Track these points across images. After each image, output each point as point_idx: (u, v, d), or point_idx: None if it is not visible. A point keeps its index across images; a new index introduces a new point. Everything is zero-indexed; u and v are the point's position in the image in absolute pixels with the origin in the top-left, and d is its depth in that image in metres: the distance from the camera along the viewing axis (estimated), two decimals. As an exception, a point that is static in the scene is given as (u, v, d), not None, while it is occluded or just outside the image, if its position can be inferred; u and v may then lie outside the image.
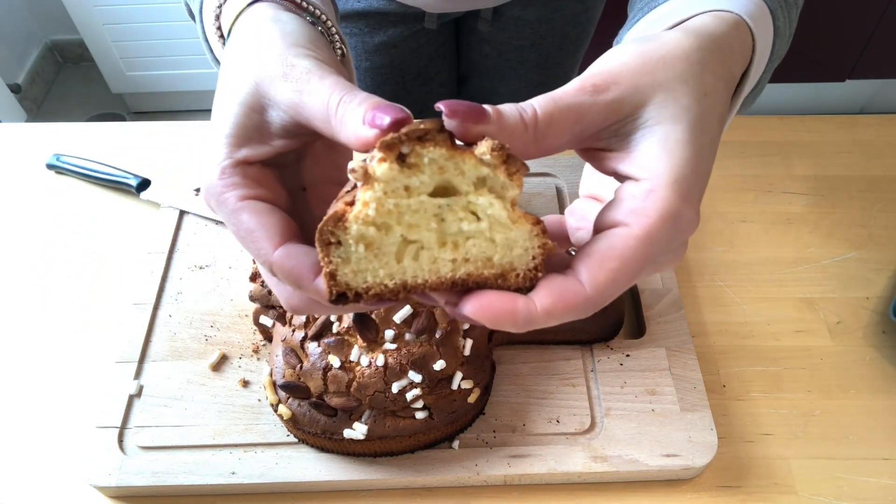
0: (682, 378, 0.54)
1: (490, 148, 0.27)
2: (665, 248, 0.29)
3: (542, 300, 0.28)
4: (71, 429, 0.55)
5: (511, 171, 0.28)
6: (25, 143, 0.77)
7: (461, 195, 0.28)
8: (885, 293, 0.62)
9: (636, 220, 0.28)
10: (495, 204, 0.28)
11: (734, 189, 0.70)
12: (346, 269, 0.28)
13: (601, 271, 0.28)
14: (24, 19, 2.05)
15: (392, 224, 0.27)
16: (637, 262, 0.28)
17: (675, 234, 0.29)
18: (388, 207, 0.27)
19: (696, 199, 0.29)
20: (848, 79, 1.79)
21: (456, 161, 0.27)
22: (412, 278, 0.28)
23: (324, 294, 0.28)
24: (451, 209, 0.28)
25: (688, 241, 0.31)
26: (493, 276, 0.29)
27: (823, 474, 0.52)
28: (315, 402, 0.49)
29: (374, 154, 0.27)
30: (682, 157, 0.29)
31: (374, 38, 0.82)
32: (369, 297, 0.28)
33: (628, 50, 0.32)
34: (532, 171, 0.69)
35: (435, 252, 0.28)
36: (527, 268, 0.29)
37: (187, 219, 0.67)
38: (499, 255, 0.29)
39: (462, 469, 0.50)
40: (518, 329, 0.29)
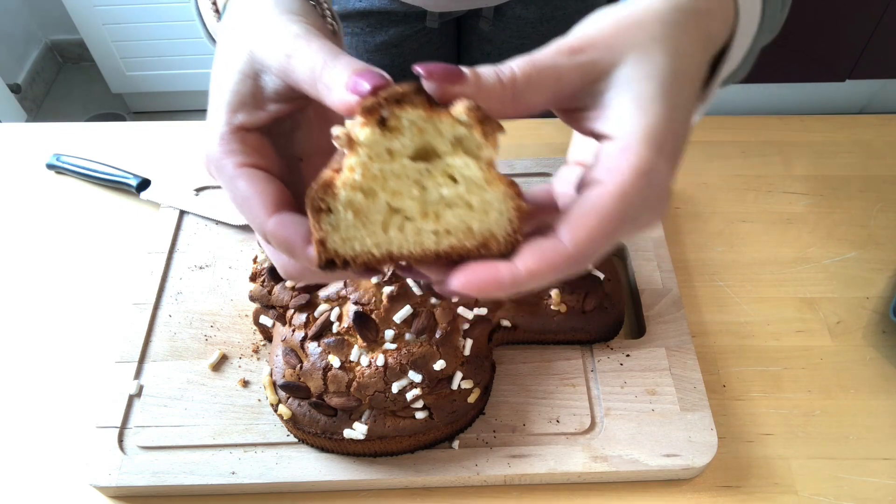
0: (682, 378, 0.54)
1: (466, 108, 0.28)
2: (642, 204, 0.29)
3: (524, 262, 0.29)
4: (71, 429, 0.55)
5: (486, 132, 0.28)
6: (25, 143, 0.77)
7: (440, 159, 0.28)
8: (885, 293, 0.62)
9: (611, 178, 0.29)
10: (471, 165, 0.28)
11: (734, 189, 0.70)
12: (336, 237, 0.29)
13: (580, 229, 0.29)
14: (24, 19, 2.05)
15: (377, 189, 0.28)
16: (614, 219, 0.29)
17: (651, 190, 0.29)
18: (374, 172, 0.28)
19: (671, 155, 0.30)
20: (848, 79, 1.79)
21: (434, 122, 0.28)
22: (398, 249, 0.29)
23: (314, 261, 0.29)
24: (430, 174, 0.29)
25: (667, 199, 0.31)
26: (475, 247, 0.29)
27: (823, 474, 0.52)
28: (315, 402, 0.49)
29: (356, 119, 0.28)
30: (654, 113, 0.29)
31: (376, 37, 0.82)
32: (357, 265, 0.29)
33: (605, 14, 0.32)
34: (532, 171, 0.69)
35: (418, 223, 0.29)
36: (505, 233, 0.29)
37: (187, 219, 0.67)
38: (477, 222, 0.29)
39: (462, 469, 0.50)
40: (506, 293, 0.29)
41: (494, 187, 0.29)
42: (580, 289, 0.54)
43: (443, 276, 0.30)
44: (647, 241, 0.63)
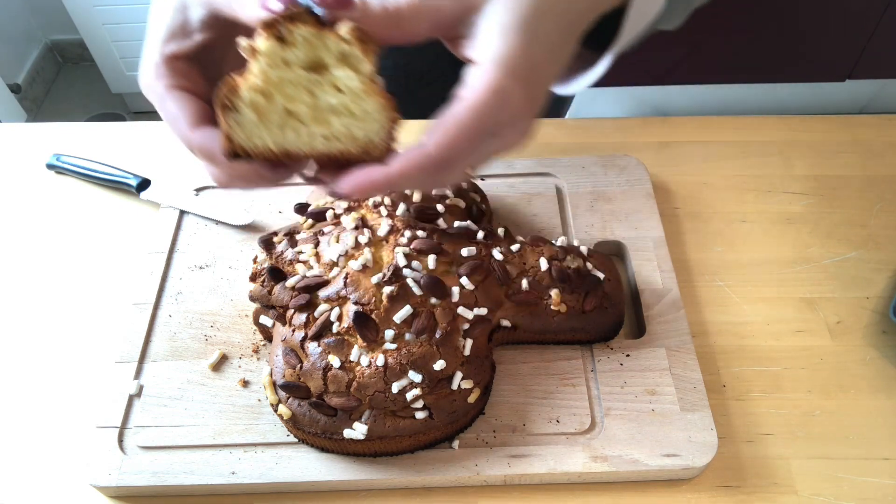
0: (682, 378, 0.54)
1: (349, 28, 0.33)
2: (495, 119, 0.34)
3: (395, 164, 0.34)
4: (71, 429, 0.55)
5: (365, 49, 0.33)
6: (25, 143, 0.77)
7: (328, 71, 0.34)
8: (885, 293, 0.62)
9: (467, 94, 0.34)
10: (353, 77, 0.34)
11: (734, 189, 0.70)
12: (240, 132, 0.34)
13: (439, 134, 0.34)
14: (24, 19, 2.05)
15: (274, 93, 0.34)
16: (468, 127, 0.33)
17: (503, 108, 0.34)
18: (272, 78, 0.33)
19: (524, 79, 0.34)
20: (848, 79, 1.79)
21: (322, 38, 0.33)
22: (293, 147, 0.35)
23: (223, 152, 0.35)
24: (320, 84, 0.34)
25: (526, 121, 0.36)
26: (359, 153, 0.35)
27: (823, 474, 0.52)
28: (315, 401, 0.49)
29: (258, 33, 0.33)
30: (511, 39, 0.34)
31: None
32: (259, 159, 0.35)
33: None
34: (532, 171, 0.69)
35: (311, 127, 0.35)
36: (383, 140, 0.35)
37: (187, 219, 0.67)
38: (359, 129, 0.35)
39: (462, 469, 0.50)
40: (382, 191, 0.35)
41: (373, 98, 0.34)
42: (580, 289, 0.54)
43: (335, 181, 0.35)
44: (647, 241, 0.63)
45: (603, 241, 0.64)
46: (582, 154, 0.71)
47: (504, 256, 0.55)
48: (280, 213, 0.67)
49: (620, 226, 0.64)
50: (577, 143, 0.74)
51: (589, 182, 0.68)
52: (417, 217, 0.56)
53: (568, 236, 0.64)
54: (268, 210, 0.67)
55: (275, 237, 0.57)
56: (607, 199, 0.67)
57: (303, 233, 0.57)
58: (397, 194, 0.57)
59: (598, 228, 0.64)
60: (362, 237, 0.53)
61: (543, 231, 0.65)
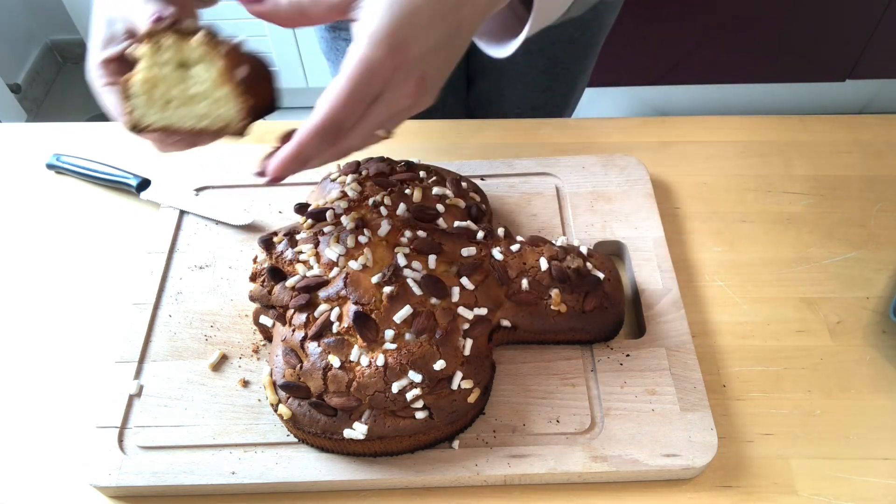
0: (682, 378, 0.54)
1: (201, 35, 0.43)
2: (368, 85, 0.40)
3: (294, 138, 0.42)
4: (71, 429, 0.55)
5: (216, 51, 0.43)
6: (25, 143, 0.77)
7: (192, 68, 0.45)
8: (885, 293, 0.62)
9: (343, 66, 0.40)
10: (208, 71, 0.44)
11: (734, 189, 0.70)
12: (136, 113, 0.46)
13: (320, 103, 0.41)
14: (24, 19, 2.05)
15: (157, 84, 0.45)
16: (344, 94, 0.40)
17: (374, 76, 0.40)
18: (153, 73, 0.45)
19: (393, 48, 0.39)
20: (848, 79, 1.79)
21: (183, 44, 0.44)
22: (176, 123, 0.47)
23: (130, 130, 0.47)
24: (187, 78, 0.45)
25: (412, 85, 0.41)
26: (223, 127, 0.46)
27: (823, 474, 0.52)
28: (315, 401, 0.49)
29: (140, 42, 0.44)
30: (380, 17, 0.39)
31: None
32: (150, 130, 0.47)
33: None
34: (532, 171, 0.69)
35: (184, 109, 0.46)
36: (241, 116, 0.46)
37: (187, 219, 0.67)
38: (218, 109, 0.46)
39: (462, 469, 0.50)
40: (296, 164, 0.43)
41: (226, 86, 0.44)
42: (580, 289, 0.54)
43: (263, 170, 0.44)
44: (647, 241, 0.63)
45: (603, 241, 0.64)
46: (582, 154, 0.71)
47: (504, 256, 0.55)
48: (280, 213, 0.67)
49: (620, 226, 0.64)
50: (577, 143, 0.74)
51: (589, 182, 0.68)
52: (417, 217, 0.56)
53: (568, 236, 0.64)
54: (268, 210, 0.67)
55: (275, 237, 0.57)
56: (607, 199, 0.67)
57: (303, 233, 0.57)
58: (397, 194, 0.57)
59: (598, 228, 0.64)
60: (362, 237, 0.53)
61: (543, 231, 0.65)
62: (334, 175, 0.62)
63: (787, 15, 1.62)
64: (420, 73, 0.41)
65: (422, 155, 0.70)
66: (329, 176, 0.62)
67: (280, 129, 0.78)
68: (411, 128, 0.77)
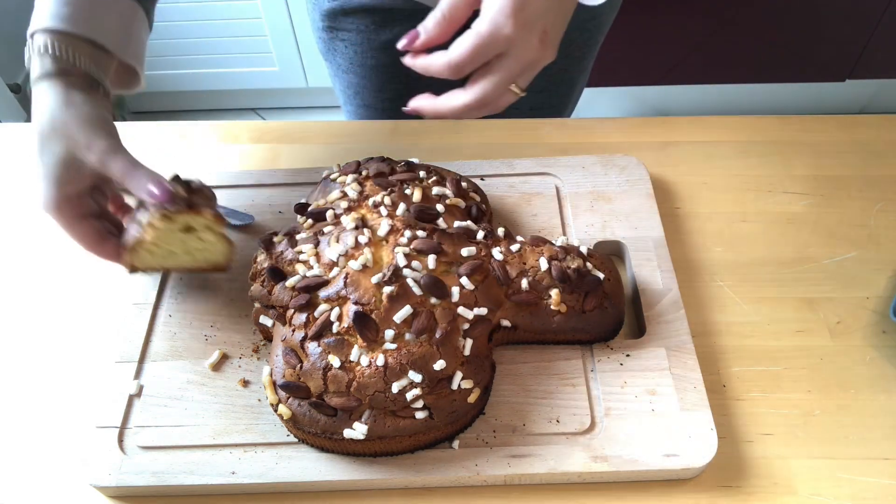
0: (682, 378, 0.54)
1: (210, 214, 0.53)
2: (494, 41, 0.47)
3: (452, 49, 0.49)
4: (71, 429, 0.55)
5: (217, 224, 0.54)
6: (25, 143, 0.77)
7: (196, 230, 0.54)
8: (885, 293, 0.62)
9: (476, 24, 0.48)
10: (210, 234, 0.55)
11: (734, 189, 0.70)
12: (139, 262, 0.55)
13: (456, 46, 0.48)
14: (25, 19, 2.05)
15: (161, 244, 0.54)
16: (475, 45, 0.47)
17: (500, 34, 0.47)
18: (161, 237, 0.53)
19: (514, 12, 0.47)
20: (848, 79, 1.79)
21: (190, 217, 0.53)
22: (170, 266, 0.57)
23: (126, 270, 0.55)
24: (189, 239, 0.55)
25: (535, 38, 0.48)
26: (210, 267, 0.58)
27: (823, 474, 0.52)
28: (315, 401, 0.49)
29: (153, 212, 0.52)
30: None
31: (380, 35, 0.82)
32: (147, 272, 0.60)
33: None
34: (532, 171, 0.69)
35: (182, 256, 0.56)
36: (226, 259, 0.58)
37: (187, 219, 0.67)
38: (211, 256, 0.57)
39: (462, 469, 0.50)
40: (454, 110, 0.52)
41: (221, 243, 0.56)
42: (580, 289, 0.54)
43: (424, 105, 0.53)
44: (647, 241, 0.63)
45: (603, 241, 0.64)
46: (582, 154, 0.71)
47: (504, 256, 0.55)
48: (280, 214, 0.67)
49: (620, 226, 0.64)
50: (577, 143, 0.74)
51: (589, 182, 0.68)
52: (417, 217, 0.56)
53: (568, 236, 0.64)
54: (268, 210, 0.67)
55: (275, 237, 0.57)
56: (607, 199, 0.67)
57: (303, 233, 0.57)
58: (397, 194, 0.57)
59: (598, 228, 0.64)
60: (362, 237, 0.53)
61: (543, 231, 0.65)
62: (334, 175, 0.62)
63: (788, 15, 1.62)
64: (541, 28, 0.48)
65: (422, 155, 0.70)
66: (329, 176, 0.62)
67: (285, 129, 0.79)
68: (411, 128, 0.77)
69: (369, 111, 0.92)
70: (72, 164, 0.51)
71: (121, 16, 0.56)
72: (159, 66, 1.88)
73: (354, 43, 0.84)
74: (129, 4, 0.57)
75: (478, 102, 0.50)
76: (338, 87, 0.94)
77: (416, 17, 0.80)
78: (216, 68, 1.89)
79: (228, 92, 1.98)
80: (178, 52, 1.84)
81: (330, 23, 0.84)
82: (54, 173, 0.51)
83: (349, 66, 0.87)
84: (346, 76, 0.89)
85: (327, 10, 0.83)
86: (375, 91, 0.88)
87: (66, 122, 0.51)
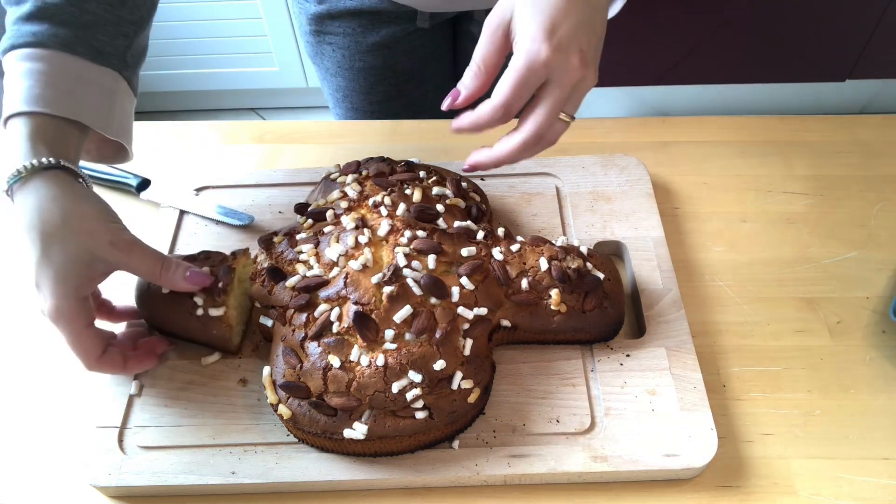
0: (682, 378, 0.54)
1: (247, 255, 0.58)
2: (534, 72, 0.46)
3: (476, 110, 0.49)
4: (71, 429, 0.55)
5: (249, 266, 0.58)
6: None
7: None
8: (885, 293, 0.62)
9: (511, 64, 0.47)
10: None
11: (734, 189, 0.70)
12: (233, 335, 0.56)
13: (499, 86, 0.47)
14: (24, 19, 2.05)
15: (233, 305, 0.55)
16: (516, 80, 0.46)
17: (537, 64, 0.46)
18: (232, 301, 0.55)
19: (547, 38, 0.46)
20: (848, 79, 1.79)
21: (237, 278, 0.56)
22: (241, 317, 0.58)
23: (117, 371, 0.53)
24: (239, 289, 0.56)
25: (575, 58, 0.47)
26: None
27: (823, 474, 0.52)
28: (315, 401, 0.49)
29: (208, 297, 0.54)
30: (529, 23, 0.46)
31: (368, 37, 0.82)
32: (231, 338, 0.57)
33: None
34: (532, 171, 0.69)
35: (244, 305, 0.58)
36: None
37: (187, 219, 0.67)
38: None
39: (462, 469, 0.50)
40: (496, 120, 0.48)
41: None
42: (580, 289, 0.54)
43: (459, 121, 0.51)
44: (647, 241, 0.63)
45: (603, 241, 0.64)
46: (582, 154, 0.71)
47: (504, 256, 0.55)
48: (280, 214, 0.67)
49: (620, 226, 0.64)
50: (577, 143, 0.74)
51: (589, 182, 0.68)
52: (417, 217, 0.56)
53: (568, 236, 0.64)
54: (268, 210, 0.67)
55: (275, 237, 0.57)
56: (607, 199, 0.67)
57: (303, 233, 0.57)
58: (397, 194, 0.57)
59: (598, 228, 0.64)
60: (362, 237, 0.53)
61: (543, 231, 0.65)
62: (334, 175, 0.62)
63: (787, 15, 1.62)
64: (577, 48, 0.47)
65: (422, 155, 0.70)
66: (329, 176, 0.62)
67: (285, 129, 0.78)
68: (411, 128, 0.77)
69: (358, 114, 0.92)
70: (90, 263, 0.48)
71: (100, 89, 0.52)
72: (159, 66, 1.88)
73: (342, 46, 0.84)
74: (110, 76, 0.52)
75: (533, 138, 0.48)
76: (326, 90, 0.94)
77: (402, 19, 0.80)
78: (216, 68, 1.89)
79: (228, 92, 1.98)
80: (178, 52, 1.84)
81: (317, 27, 0.84)
82: (68, 274, 0.47)
83: (337, 70, 0.87)
84: (334, 79, 0.89)
85: (314, 14, 0.83)
86: (364, 94, 0.88)
87: (83, 216, 0.48)
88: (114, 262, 0.49)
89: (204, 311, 0.54)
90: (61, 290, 0.47)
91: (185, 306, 0.54)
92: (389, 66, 0.85)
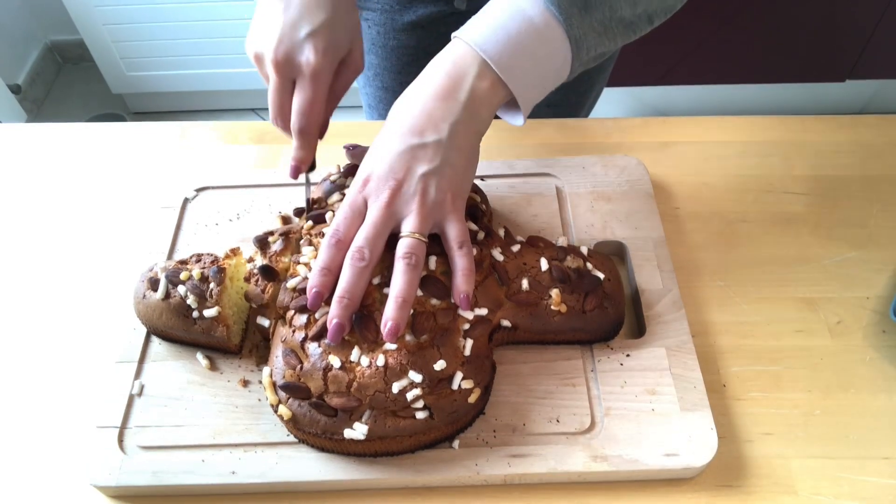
0: (682, 378, 0.54)
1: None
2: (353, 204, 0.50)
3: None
4: (71, 429, 0.55)
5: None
6: (25, 143, 0.77)
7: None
8: (885, 293, 0.62)
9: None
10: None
11: (734, 189, 0.70)
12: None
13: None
14: (24, 19, 2.05)
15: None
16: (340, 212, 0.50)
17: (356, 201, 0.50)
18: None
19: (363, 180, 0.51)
20: (848, 79, 1.79)
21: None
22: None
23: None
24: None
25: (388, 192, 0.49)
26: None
27: (823, 474, 0.52)
28: (315, 402, 0.49)
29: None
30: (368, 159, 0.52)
31: (404, 16, 0.81)
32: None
33: None
34: (532, 172, 0.69)
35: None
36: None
37: (187, 219, 0.67)
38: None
39: (462, 469, 0.50)
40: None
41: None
42: (580, 289, 0.54)
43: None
44: (647, 241, 0.63)
45: (603, 241, 0.64)
46: (582, 154, 0.71)
47: (504, 256, 0.55)
48: (280, 214, 0.67)
49: (620, 226, 0.64)
50: (577, 143, 0.74)
51: (589, 182, 0.68)
52: (417, 217, 0.56)
53: (568, 236, 0.64)
54: (268, 211, 0.67)
55: (270, 237, 0.57)
56: (607, 199, 0.67)
57: (303, 235, 0.57)
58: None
59: (598, 228, 0.64)
60: (362, 237, 0.53)
61: (543, 231, 0.65)
62: (334, 176, 0.62)
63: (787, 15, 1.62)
64: (390, 185, 0.49)
65: (422, 155, 0.70)
66: (329, 177, 0.62)
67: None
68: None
69: (388, 94, 0.90)
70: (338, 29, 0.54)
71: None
72: (159, 67, 1.88)
73: (377, 23, 0.84)
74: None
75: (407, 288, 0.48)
76: None
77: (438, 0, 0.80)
78: (216, 68, 1.89)
79: (228, 92, 1.98)
80: (178, 53, 1.84)
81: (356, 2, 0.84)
82: (318, 39, 0.53)
83: (370, 47, 0.87)
84: (366, 56, 0.88)
85: None
86: (395, 73, 0.88)
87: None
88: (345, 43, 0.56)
89: (199, 312, 0.54)
90: (314, 45, 0.53)
91: (180, 310, 0.54)
92: (422, 46, 0.84)
